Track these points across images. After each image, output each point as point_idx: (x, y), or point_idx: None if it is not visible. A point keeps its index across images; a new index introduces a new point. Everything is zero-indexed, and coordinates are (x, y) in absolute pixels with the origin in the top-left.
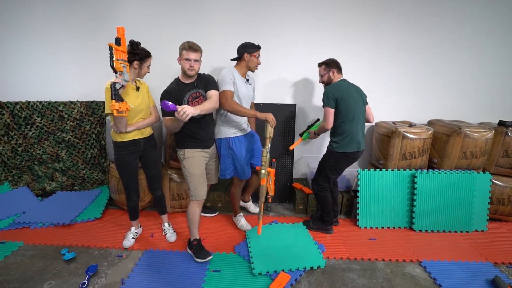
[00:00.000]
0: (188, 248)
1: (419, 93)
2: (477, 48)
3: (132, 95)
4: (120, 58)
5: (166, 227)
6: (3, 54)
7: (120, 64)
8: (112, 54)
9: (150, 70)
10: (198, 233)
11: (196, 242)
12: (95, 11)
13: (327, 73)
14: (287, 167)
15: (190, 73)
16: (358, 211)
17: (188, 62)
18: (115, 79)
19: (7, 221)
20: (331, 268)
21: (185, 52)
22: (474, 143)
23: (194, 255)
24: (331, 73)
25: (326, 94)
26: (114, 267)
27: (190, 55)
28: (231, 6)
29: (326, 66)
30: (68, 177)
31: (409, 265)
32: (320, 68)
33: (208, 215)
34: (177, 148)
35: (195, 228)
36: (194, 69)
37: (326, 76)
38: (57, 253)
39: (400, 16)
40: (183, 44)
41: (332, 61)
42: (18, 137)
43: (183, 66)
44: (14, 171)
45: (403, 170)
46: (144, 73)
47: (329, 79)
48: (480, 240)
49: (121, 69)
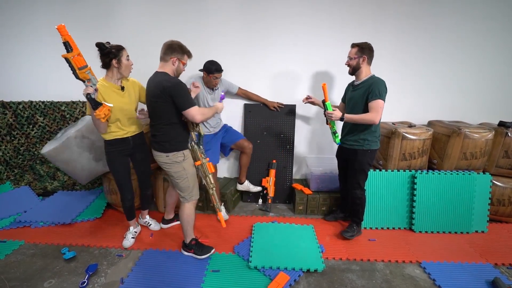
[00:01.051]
0: (184, 250)
1: (419, 93)
2: (477, 48)
3: (115, 96)
4: (81, 66)
5: (148, 218)
6: (6, 54)
7: (84, 72)
8: (71, 65)
9: (132, 61)
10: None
11: (194, 241)
12: (96, 10)
13: (357, 58)
14: (287, 168)
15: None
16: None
17: (185, 67)
18: (86, 88)
19: (9, 220)
20: (330, 268)
21: (186, 57)
22: (474, 143)
23: (197, 254)
24: (361, 60)
25: (383, 86)
26: (114, 267)
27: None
28: (232, 5)
29: (359, 49)
30: (69, 176)
31: (409, 266)
32: (352, 49)
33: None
34: (172, 152)
35: (191, 229)
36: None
37: (356, 61)
38: (58, 252)
39: (400, 16)
40: (187, 50)
41: (368, 47)
42: (21, 136)
43: (181, 69)
44: (16, 170)
45: (403, 170)
46: (126, 66)
47: (357, 65)
48: (480, 241)
49: (86, 76)
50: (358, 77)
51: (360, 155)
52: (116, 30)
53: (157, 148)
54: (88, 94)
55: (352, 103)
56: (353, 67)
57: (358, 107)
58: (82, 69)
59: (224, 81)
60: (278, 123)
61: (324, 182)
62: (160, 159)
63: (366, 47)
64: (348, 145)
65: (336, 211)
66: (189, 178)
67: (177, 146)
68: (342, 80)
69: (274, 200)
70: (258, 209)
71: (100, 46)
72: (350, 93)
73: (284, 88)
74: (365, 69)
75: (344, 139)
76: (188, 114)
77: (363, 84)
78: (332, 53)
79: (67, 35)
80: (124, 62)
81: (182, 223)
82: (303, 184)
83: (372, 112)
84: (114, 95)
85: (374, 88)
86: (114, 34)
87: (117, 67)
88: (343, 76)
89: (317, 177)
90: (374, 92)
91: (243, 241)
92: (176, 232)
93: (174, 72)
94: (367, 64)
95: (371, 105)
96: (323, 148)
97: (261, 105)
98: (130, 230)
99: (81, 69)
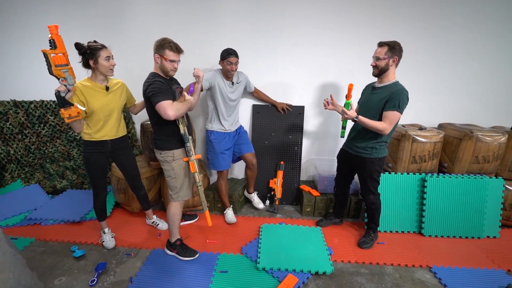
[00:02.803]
0: (168, 249)
1: (429, 96)
2: (489, 50)
3: (98, 95)
4: (60, 64)
5: (155, 218)
6: (19, 55)
7: (60, 70)
8: (48, 61)
9: (114, 62)
10: (179, 233)
11: (179, 242)
12: (106, 9)
13: (387, 58)
14: (295, 169)
15: (172, 74)
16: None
17: (172, 64)
18: (58, 86)
19: (19, 217)
20: (339, 271)
21: (170, 53)
22: (487, 147)
23: (179, 255)
24: (392, 61)
25: (406, 97)
26: (122, 265)
27: (177, 57)
28: (241, 6)
29: (389, 49)
30: (78, 175)
31: (419, 270)
32: (381, 48)
33: (190, 222)
34: (163, 151)
35: (176, 229)
36: (175, 70)
37: (385, 61)
38: (67, 250)
39: (411, 18)
40: (168, 45)
41: (399, 46)
42: (32, 135)
43: (167, 67)
44: (27, 169)
45: (413, 173)
46: (105, 67)
47: (386, 66)
48: (492, 247)
49: (61, 75)
50: (382, 80)
51: (368, 163)
52: (125, 30)
53: (154, 145)
54: (58, 91)
55: (366, 106)
56: (381, 68)
57: (371, 111)
58: (60, 66)
59: (244, 76)
60: (286, 124)
61: (332, 184)
62: (156, 155)
63: (398, 47)
64: (354, 151)
65: (329, 216)
66: (177, 179)
67: (167, 145)
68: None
69: (281, 202)
70: (265, 210)
71: (77, 46)
72: (367, 95)
73: (293, 89)
74: (392, 71)
75: (350, 143)
76: (159, 109)
77: (385, 89)
78: (342, 55)
79: (55, 35)
80: (101, 63)
81: (168, 221)
82: (310, 186)
83: (386, 122)
84: (97, 94)
85: (395, 98)
86: (125, 33)
87: (95, 67)
88: (353, 78)
89: (325, 178)
90: (394, 102)
91: (251, 242)
92: (185, 231)
93: (160, 70)
94: (395, 67)
95: (387, 114)
96: (330, 150)
97: (270, 106)
98: (106, 231)
99: (59, 66)
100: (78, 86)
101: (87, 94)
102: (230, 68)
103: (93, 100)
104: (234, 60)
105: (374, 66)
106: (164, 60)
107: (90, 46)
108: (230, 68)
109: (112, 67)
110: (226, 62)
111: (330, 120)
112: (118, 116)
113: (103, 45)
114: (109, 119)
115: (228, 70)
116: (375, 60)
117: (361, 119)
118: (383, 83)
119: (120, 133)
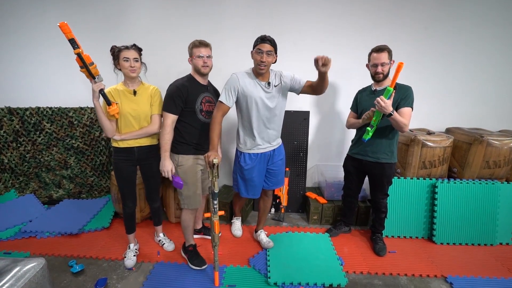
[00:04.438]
0: (183, 251)
1: (436, 99)
2: (497, 52)
3: (125, 100)
4: (89, 62)
5: (162, 237)
6: (14, 60)
7: (94, 68)
8: (84, 61)
9: (134, 63)
10: (193, 239)
11: (191, 248)
12: (106, 12)
13: (389, 64)
14: (300, 176)
15: (205, 70)
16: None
17: (201, 59)
18: (98, 84)
19: (13, 230)
20: (352, 283)
21: (196, 49)
22: (498, 152)
23: (189, 261)
24: (391, 65)
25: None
26: (124, 281)
27: (202, 51)
28: (246, 10)
29: (389, 54)
30: (75, 184)
31: (434, 280)
32: (382, 54)
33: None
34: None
35: (190, 235)
36: (208, 65)
37: (389, 66)
38: (65, 265)
39: (418, 20)
40: (192, 43)
41: (390, 49)
42: (27, 143)
43: (197, 64)
44: (21, 178)
45: (423, 179)
46: (124, 68)
47: (388, 71)
48: (507, 254)
49: (97, 72)
50: (383, 83)
51: (388, 168)
52: (125, 33)
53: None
54: (101, 89)
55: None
56: (385, 75)
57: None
58: (91, 65)
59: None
60: (291, 130)
61: (338, 191)
62: None
63: (391, 51)
64: (373, 158)
65: (339, 225)
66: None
67: (173, 148)
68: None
69: (287, 209)
70: (271, 218)
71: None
72: (369, 100)
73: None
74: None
75: (363, 150)
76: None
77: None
78: (347, 58)
79: (70, 33)
80: (121, 64)
81: (182, 227)
82: (316, 193)
83: (405, 118)
84: (125, 98)
85: (408, 95)
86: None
87: (120, 69)
88: (359, 82)
89: (332, 185)
90: (408, 99)
91: (258, 254)
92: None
93: (195, 72)
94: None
95: (405, 111)
96: (336, 156)
97: None
98: (130, 248)
99: (91, 65)
100: (111, 91)
101: (117, 98)
102: (261, 61)
103: (122, 104)
104: (267, 48)
105: (380, 73)
106: (193, 59)
107: (116, 48)
108: (260, 61)
109: (130, 68)
110: (256, 50)
111: (335, 125)
112: (145, 122)
113: (127, 46)
114: (136, 125)
115: (261, 66)
116: (381, 67)
117: (395, 114)
118: (384, 85)
119: (148, 142)
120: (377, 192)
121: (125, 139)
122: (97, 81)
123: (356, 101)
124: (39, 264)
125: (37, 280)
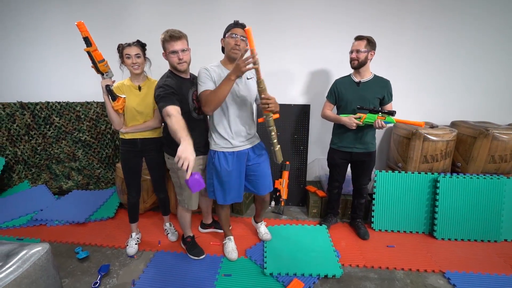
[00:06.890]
0: (182, 243)
1: (441, 93)
2: (503, 45)
3: (130, 95)
4: (100, 60)
5: (168, 226)
6: (25, 57)
7: (103, 65)
8: (93, 59)
9: (136, 60)
10: (191, 231)
11: (190, 239)
12: (108, 10)
13: (367, 52)
14: (301, 170)
15: (182, 67)
16: (373, 213)
17: (175, 55)
18: (105, 80)
19: (26, 218)
20: (346, 276)
21: (168, 44)
22: (504, 146)
23: (188, 251)
24: (370, 55)
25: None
26: (125, 268)
27: (175, 46)
28: (244, 6)
29: (368, 43)
30: (83, 176)
31: (431, 275)
32: (361, 41)
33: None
34: (169, 155)
35: (187, 228)
36: (185, 61)
37: (364, 55)
38: (71, 251)
39: (421, 12)
40: (162, 36)
41: (375, 42)
42: (38, 136)
43: (172, 61)
44: (34, 170)
45: (425, 173)
46: (127, 64)
47: (365, 59)
48: (511, 251)
49: (106, 69)
50: (364, 74)
51: (374, 156)
52: (127, 30)
53: (163, 148)
54: (107, 85)
55: (362, 102)
56: (360, 61)
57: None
58: (101, 62)
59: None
60: (292, 123)
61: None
62: (165, 158)
63: (374, 42)
64: (363, 148)
65: (330, 218)
66: (181, 189)
67: (170, 149)
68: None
69: (287, 203)
70: (271, 211)
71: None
72: (353, 91)
73: (298, 88)
74: (369, 65)
75: (351, 143)
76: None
77: (373, 82)
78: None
79: (86, 31)
80: (124, 60)
81: (179, 223)
82: (316, 186)
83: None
84: (131, 93)
85: (391, 90)
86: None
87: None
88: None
89: None
90: (391, 95)
91: (255, 245)
92: (177, 232)
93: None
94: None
95: (389, 106)
96: None
97: None
98: (132, 236)
99: (100, 63)
100: (119, 86)
101: (124, 92)
102: (235, 45)
103: (128, 99)
104: (241, 32)
105: (355, 59)
106: (167, 55)
107: (119, 45)
108: (235, 45)
109: (132, 65)
110: (229, 36)
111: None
112: (148, 117)
113: (129, 43)
114: (140, 119)
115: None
116: (356, 53)
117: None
118: (366, 77)
119: (150, 135)
120: (362, 179)
121: (129, 132)
122: (105, 77)
123: (335, 92)
124: (44, 248)
125: (42, 263)
